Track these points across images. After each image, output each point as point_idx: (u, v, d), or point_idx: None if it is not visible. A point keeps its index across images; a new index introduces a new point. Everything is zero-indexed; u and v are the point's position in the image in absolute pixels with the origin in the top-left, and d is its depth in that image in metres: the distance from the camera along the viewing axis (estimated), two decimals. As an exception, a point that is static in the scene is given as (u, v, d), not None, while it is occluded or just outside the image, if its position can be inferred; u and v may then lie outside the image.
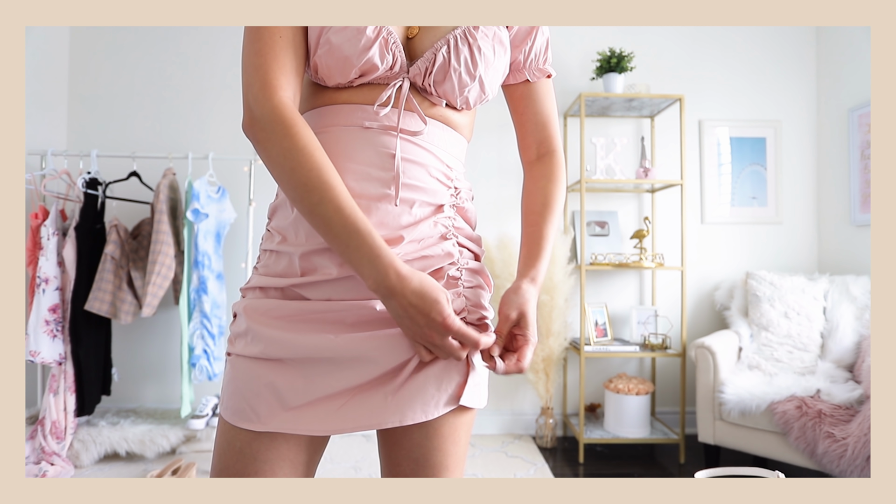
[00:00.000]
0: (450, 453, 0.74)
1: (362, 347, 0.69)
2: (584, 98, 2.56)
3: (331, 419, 0.69)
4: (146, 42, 2.84)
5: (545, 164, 0.85)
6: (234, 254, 2.74)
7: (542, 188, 0.83)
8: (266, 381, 0.70)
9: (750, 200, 2.95)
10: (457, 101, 0.75)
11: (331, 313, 0.70)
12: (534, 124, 0.86)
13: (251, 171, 2.55)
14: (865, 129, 2.66)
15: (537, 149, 0.86)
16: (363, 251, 0.64)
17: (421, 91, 0.74)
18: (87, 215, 2.28)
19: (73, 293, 2.21)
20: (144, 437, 2.29)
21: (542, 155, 0.86)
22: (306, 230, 0.72)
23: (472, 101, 0.77)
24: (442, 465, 0.74)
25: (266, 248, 0.76)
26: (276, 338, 0.70)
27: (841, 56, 2.83)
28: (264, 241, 0.78)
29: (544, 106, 0.85)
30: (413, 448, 0.73)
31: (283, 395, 0.69)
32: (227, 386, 0.73)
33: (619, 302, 2.90)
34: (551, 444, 2.67)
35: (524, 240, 0.81)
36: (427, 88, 0.74)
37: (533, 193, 0.83)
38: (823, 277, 2.57)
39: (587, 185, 2.74)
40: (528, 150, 0.87)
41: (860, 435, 1.81)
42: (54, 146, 2.70)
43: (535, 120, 0.85)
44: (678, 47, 2.96)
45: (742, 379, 2.26)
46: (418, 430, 0.73)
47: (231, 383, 0.72)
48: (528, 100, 0.85)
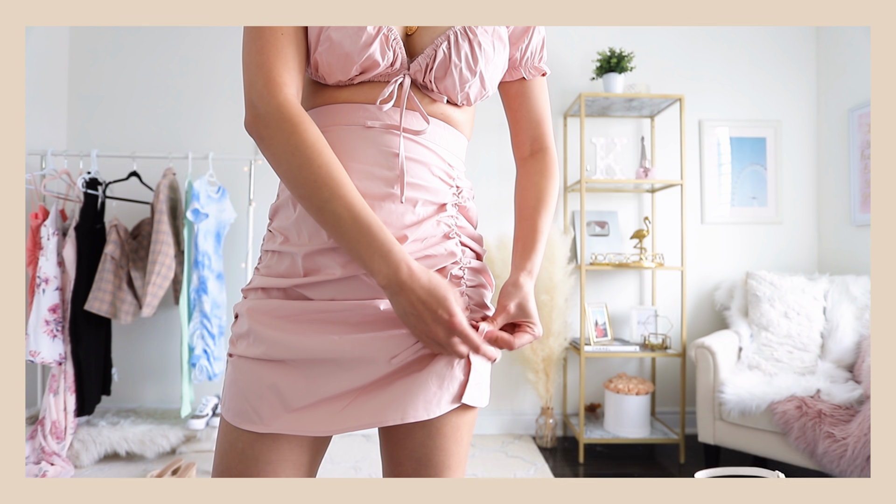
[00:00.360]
0: (452, 453, 0.74)
1: (366, 348, 0.69)
2: (584, 98, 2.56)
3: (334, 420, 0.69)
4: (146, 42, 2.84)
5: (538, 161, 0.85)
6: (234, 254, 2.74)
7: (535, 183, 0.83)
8: (268, 383, 0.70)
9: (750, 200, 2.95)
10: (458, 97, 0.75)
11: (334, 313, 0.70)
12: (528, 121, 0.86)
13: (251, 171, 2.55)
14: (865, 129, 2.66)
15: (531, 145, 0.87)
16: (375, 247, 0.64)
17: (422, 88, 0.74)
18: (87, 215, 2.28)
19: (72, 293, 2.22)
20: (144, 437, 2.29)
21: (535, 151, 0.86)
22: (309, 230, 0.71)
23: (472, 96, 0.77)
24: (444, 464, 0.74)
25: (268, 248, 0.76)
26: (279, 339, 0.70)
27: (841, 56, 2.83)
28: (266, 241, 0.77)
29: (539, 103, 0.86)
30: (415, 448, 0.73)
31: (285, 396, 0.69)
32: (228, 387, 0.73)
33: (619, 302, 2.90)
34: (551, 444, 2.67)
35: (518, 234, 0.81)
36: (428, 85, 0.74)
37: (526, 189, 0.84)
38: (823, 277, 2.57)
39: (587, 185, 2.74)
40: (522, 146, 0.87)
41: (860, 435, 1.81)
42: (54, 146, 2.70)
43: (529, 117, 0.86)
44: (678, 47, 2.96)
45: (742, 379, 2.26)
46: (421, 429, 0.73)
47: (233, 384, 0.72)
48: (523, 97, 0.86)
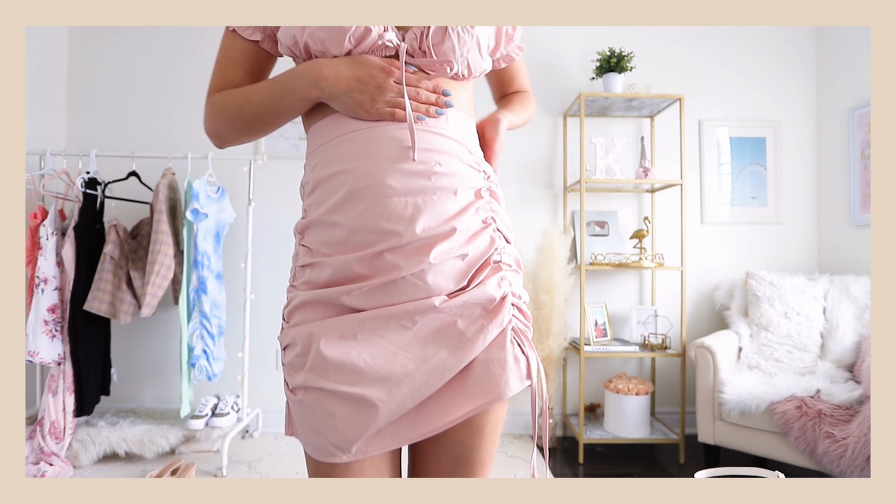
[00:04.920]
0: (489, 452, 0.76)
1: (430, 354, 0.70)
2: (583, 98, 2.56)
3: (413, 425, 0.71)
4: (146, 42, 2.84)
5: (520, 94, 1.02)
6: (233, 254, 2.73)
7: (517, 98, 0.99)
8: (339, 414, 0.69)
9: (750, 200, 2.95)
10: (458, 61, 0.75)
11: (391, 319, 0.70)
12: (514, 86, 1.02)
13: (251, 170, 2.55)
14: (865, 129, 2.66)
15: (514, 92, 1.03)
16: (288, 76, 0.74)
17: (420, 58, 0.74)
18: (86, 215, 2.28)
19: (72, 293, 2.21)
20: (143, 437, 2.29)
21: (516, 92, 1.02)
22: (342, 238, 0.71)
23: (472, 63, 0.77)
24: (481, 463, 0.75)
25: (304, 263, 0.75)
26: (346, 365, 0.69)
27: (841, 56, 2.83)
28: (301, 257, 0.76)
29: (523, 70, 1.01)
30: (455, 445, 0.74)
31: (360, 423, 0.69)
32: (302, 423, 0.72)
33: (618, 302, 2.90)
34: (551, 444, 2.67)
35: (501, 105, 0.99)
36: (427, 51, 0.74)
37: (509, 98, 1.00)
38: (823, 277, 2.57)
39: (587, 185, 2.74)
40: (507, 94, 1.03)
41: (860, 435, 1.81)
42: (53, 146, 2.70)
43: (515, 84, 1.02)
44: (678, 47, 2.96)
45: (742, 379, 2.26)
46: (463, 427, 0.73)
47: (304, 422, 0.72)
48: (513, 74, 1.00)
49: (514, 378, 0.71)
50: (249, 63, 0.82)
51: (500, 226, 0.79)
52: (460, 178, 0.74)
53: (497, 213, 0.79)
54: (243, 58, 0.82)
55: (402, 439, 0.71)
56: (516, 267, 0.79)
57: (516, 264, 0.79)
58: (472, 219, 0.74)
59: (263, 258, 2.77)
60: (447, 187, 0.72)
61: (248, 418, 2.52)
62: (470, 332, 0.70)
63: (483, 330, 0.71)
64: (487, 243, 0.75)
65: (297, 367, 0.71)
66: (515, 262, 0.79)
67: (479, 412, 0.72)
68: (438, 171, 0.72)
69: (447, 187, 0.72)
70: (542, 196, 2.91)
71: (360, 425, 0.69)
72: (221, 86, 0.82)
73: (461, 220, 0.72)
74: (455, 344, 0.70)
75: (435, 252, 0.70)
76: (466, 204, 0.74)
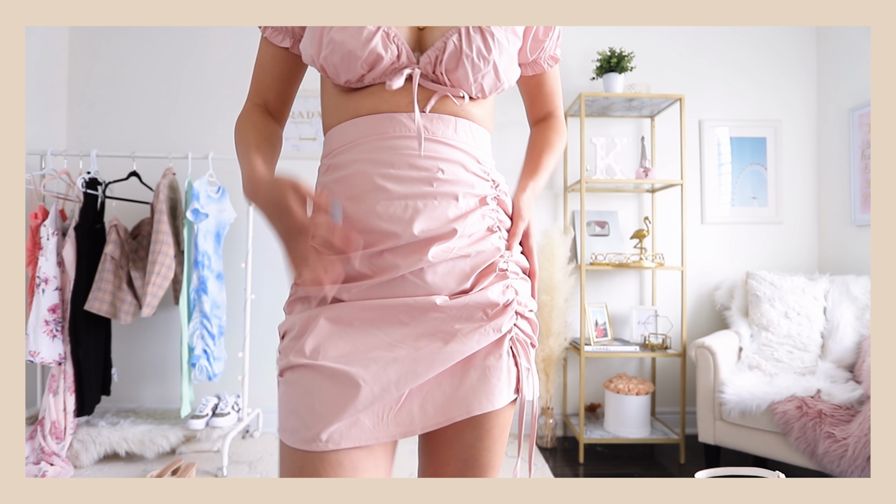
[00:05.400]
0: (497, 454, 0.76)
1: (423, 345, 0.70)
2: (584, 98, 2.56)
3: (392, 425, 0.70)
4: (146, 42, 2.84)
5: (550, 121, 0.95)
6: (233, 254, 2.73)
7: (546, 136, 0.92)
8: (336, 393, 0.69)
9: (750, 200, 2.95)
10: (471, 88, 0.75)
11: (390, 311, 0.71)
12: (545, 101, 0.96)
13: (251, 171, 2.54)
14: (865, 129, 2.66)
15: (545, 114, 0.97)
16: (243, 170, 0.73)
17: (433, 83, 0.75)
18: (87, 215, 2.28)
19: (72, 293, 2.21)
20: (144, 437, 2.29)
21: (547, 117, 0.96)
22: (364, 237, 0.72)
23: (487, 88, 0.77)
24: (489, 465, 0.75)
25: None
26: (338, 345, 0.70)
27: (841, 56, 2.83)
28: None
29: (555, 86, 0.95)
30: (464, 448, 0.74)
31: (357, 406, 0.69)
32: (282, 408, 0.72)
33: (619, 302, 2.90)
34: (551, 444, 2.67)
35: (527, 163, 0.89)
36: (439, 78, 0.74)
37: (537, 139, 0.93)
38: (824, 277, 2.57)
39: (587, 185, 2.74)
40: (537, 116, 0.97)
41: (860, 435, 1.81)
42: (54, 146, 2.70)
43: (547, 98, 0.96)
44: (678, 47, 2.96)
45: (742, 379, 2.26)
46: (471, 430, 0.73)
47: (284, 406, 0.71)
48: (542, 84, 0.94)
49: (504, 391, 0.72)
50: (279, 69, 0.84)
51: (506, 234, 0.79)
52: (463, 186, 0.74)
53: (504, 222, 0.79)
54: (273, 63, 0.83)
55: (381, 435, 0.69)
56: (524, 275, 0.79)
57: (524, 272, 0.79)
58: (475, 224, 0.74)
59: (264, 258, 2.77)
60: (448, 193, 0.73)
61: (249, 418, 2.53)
62: (466, 330, 0.71)
63: (480, 329, 0.71)
64: (492, 249, 0.75)
65: (289, 350, 0.72)
66: (523, 269, 0.79)
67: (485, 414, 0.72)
68: (441, 178, 0.73)
69: (448, 193, 0.73)
70: (543, 196, 2.91)
71: (337, 406, 0.67)
72: (254, 91, 0.85)
73: (463, 224, 0.73)
74: (449, 339, 0.71)
75: (433, 251, 0.70)
76: (469, 209, 0.74)
